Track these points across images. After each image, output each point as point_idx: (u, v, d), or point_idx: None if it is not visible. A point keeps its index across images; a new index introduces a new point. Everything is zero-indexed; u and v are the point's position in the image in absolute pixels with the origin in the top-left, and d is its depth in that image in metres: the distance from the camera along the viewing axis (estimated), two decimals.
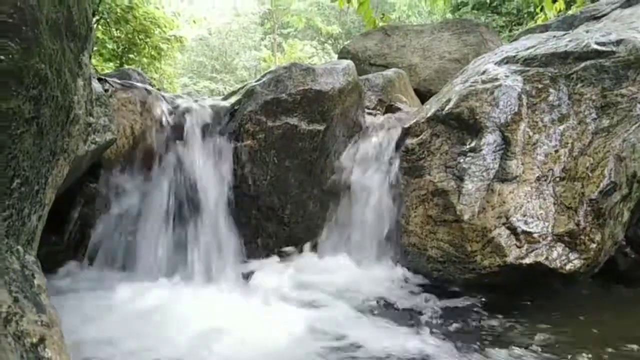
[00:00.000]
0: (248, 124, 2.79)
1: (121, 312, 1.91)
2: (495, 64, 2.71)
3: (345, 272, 2.51)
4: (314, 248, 2.81)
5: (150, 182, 2.54)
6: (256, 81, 2.96)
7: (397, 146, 2.80)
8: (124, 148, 2.54)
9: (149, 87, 3.04)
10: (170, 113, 2.81)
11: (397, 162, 2.74)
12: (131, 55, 10.08)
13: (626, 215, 2.21)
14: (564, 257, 2.01)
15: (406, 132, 2.76)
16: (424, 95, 4.81)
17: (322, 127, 2.86)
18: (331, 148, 2.99)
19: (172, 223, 2.46)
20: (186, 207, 2.50)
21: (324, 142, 2.90)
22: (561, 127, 2.29)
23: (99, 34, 9.21)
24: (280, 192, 2.83)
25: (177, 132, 2.74)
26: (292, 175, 2.85)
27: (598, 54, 2.39)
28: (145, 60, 10.27)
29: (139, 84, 2.95)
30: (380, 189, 2.82)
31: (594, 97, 2.31)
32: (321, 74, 2.93)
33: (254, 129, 2.79)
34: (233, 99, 2.99)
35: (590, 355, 1.60)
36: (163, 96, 2.91)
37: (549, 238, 2.05)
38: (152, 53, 10.27)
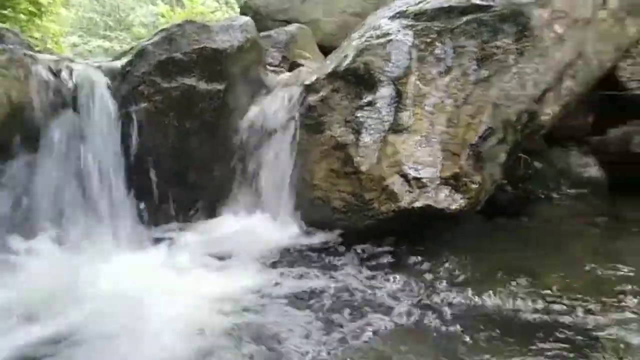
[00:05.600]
0: (142, 86, 2.66)
1: None
2: (389, 19, 2.79)
3: (252, 230, 2.56)
4: (222, 209, 2.81)
5: (36, 156, 2.36)
6: (147, 40, 2.80)
7: (300, 103, 2.83)
8: (1, 118, 2.31)
9: (27, 50, 2.76)
10: (55, 77, 2.58)
11: (299, 119, 2.78)
12: (5, 12, 8.89)
13: (503, 156, 2.46)
14: (449, 198, 2.23)
15: (307, 89, 2.79)
16: (327, 50, 4.78)
17: (221, 87, 2.81)
18: (233, 107, 2.95)
19: (64, 196, 2.32)
20: (79, 179, 2.37)
21: (225, 102, 2.85)
22: (447, 79, 2.46)
23: None
24: (183, 155, 2.77)
25: (64, 98, 2.53)
26: (194, 138, 2.79)
27: (478, 8, 2.55)
28: (22, 17, 9.13)
29: (14, 46, 2.66)
30: (285, 147, 2.85)
31: (474, 50, 2.48)
32: (217, 32, 2.84)
33: (149, 91, 2.66)
34: (124, 60, 2.81)
35: (481, 280, 1.84)
36: (45, 58, 2.66)
37: (437, 182, 2.24)
38: (30, 9, 9.14)
